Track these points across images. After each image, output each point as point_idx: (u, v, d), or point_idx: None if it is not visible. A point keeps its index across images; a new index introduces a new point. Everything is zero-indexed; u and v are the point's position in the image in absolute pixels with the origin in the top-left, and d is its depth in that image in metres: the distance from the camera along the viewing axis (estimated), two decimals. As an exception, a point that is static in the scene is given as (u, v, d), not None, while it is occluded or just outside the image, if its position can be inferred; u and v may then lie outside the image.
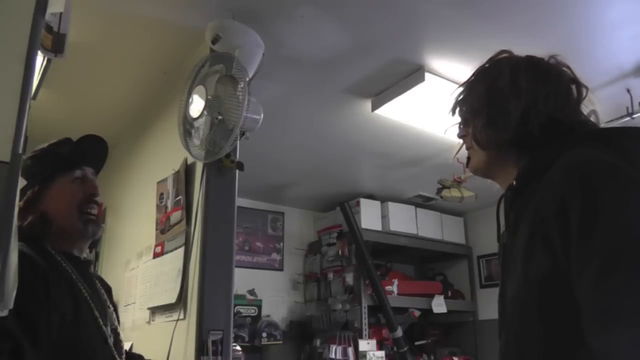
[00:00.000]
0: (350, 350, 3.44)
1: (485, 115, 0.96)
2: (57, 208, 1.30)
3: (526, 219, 0.85)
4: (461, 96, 1.04)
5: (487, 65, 1.03)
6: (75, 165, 1.35)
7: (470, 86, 1.03)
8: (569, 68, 0.97)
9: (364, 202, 3.81)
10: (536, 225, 0.81)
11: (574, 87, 0.95)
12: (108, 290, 1.47)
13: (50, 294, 1.14)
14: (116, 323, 1.37)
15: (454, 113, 1.06)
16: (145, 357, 1.60)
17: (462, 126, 1.05)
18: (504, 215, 0.97)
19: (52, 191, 1.30)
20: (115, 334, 1.33)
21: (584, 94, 0.95)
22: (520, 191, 0.91)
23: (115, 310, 1.44)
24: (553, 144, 0.87)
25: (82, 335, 1.20)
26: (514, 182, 0.93)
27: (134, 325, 2.27)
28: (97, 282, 1.40)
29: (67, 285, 1.22)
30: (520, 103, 0.91)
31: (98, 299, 1.32)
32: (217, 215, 1.82)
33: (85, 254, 1.41)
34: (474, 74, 1.04)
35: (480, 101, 0.98)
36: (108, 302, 1.38)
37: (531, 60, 0.98)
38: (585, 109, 0.97)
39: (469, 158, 1.05)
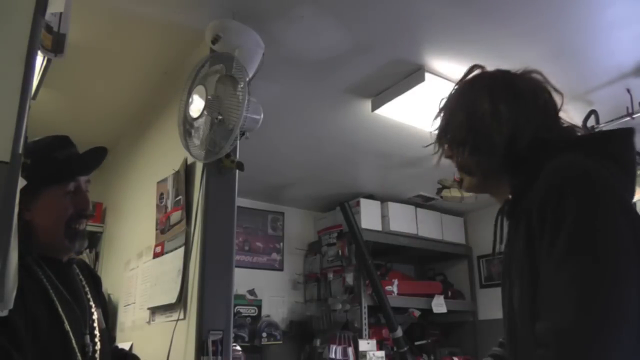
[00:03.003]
0: (350, 350, 3.44)
1: (470, 144, 0.99)
2: (44, 223, 1.20)
3: (523, 223, 0.90)
4: (441, 126, 1.07)
5: (461, 88, 1.05)
6: (69, 176, 1.24)
7: (448, 114, 1.05)
8: (541, 75, 0.99)
9: (364, 202, 3.81)
10: (530, 223, 0.87)
11: (550, 99, 0.98)
12: (97, 283, 1.41)
13: (26, 303, 1.09)
14: (96, 325, 1.29)
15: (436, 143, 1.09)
16: None
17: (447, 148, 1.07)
18: (503, 226, 1.03)
19: (41, 202, 1.20)
20: (93, 337, 1.25)
21: (561, 102, 0.98)
22: (517, 202, 0.95)
23: (105, 311, 1.38)
24: (540, 156, 0.92)
25: (51, 347, 1.15)
26: (510, 197, 0.98)
27: (134, 325, 2.27)
28: (81, 280, 1.32)
29: (41, 297, 1.16)
30: (503, 130, 0.94)
31: (80, 302, 1.26)
32: (217, 215, 1.82)
33: (70, 255, 1.31)
34: (449, 98, 1.06)
35: (462, 131, 1.00)
36: (92, 303, 1.31)
37: (505, 80, 1.00)
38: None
39: (461, 179, 1.08)
